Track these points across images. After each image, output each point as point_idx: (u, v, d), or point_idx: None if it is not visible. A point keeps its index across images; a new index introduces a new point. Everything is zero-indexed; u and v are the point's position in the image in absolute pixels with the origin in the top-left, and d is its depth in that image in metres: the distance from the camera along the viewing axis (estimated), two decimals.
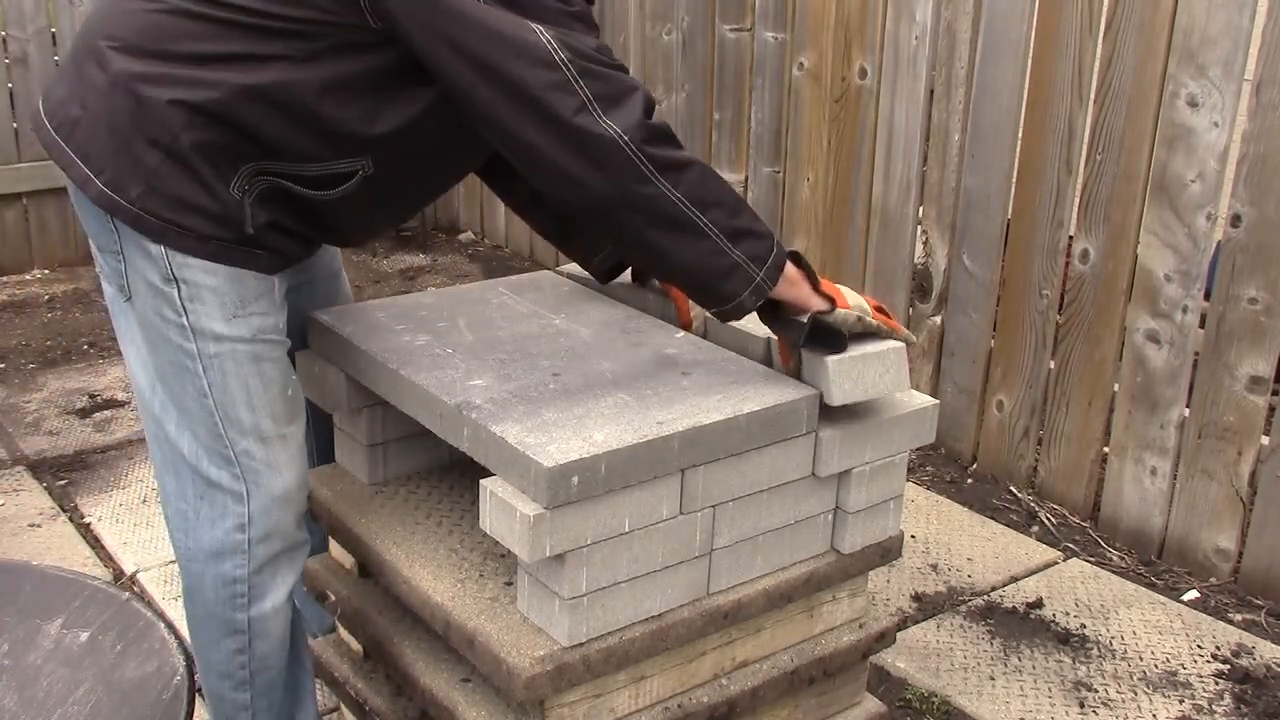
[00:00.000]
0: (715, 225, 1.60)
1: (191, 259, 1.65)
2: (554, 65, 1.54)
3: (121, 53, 1.62)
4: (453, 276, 4.79)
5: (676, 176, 1.58)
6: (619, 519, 1.60)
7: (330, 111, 1.63)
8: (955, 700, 2.38)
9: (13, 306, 4.33)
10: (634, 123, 1.55)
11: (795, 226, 3.63)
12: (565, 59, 1.54)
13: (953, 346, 3.29)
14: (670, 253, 1.62)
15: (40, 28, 4.46)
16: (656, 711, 1.75)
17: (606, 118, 1.54)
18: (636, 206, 1.58)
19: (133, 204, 1.62)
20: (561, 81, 1.54)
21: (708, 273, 1.63)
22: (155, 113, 1.59)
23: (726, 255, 1.62)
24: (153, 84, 1.60)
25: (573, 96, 1.54)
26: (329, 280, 2.05)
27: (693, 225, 1.60)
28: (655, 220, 1.59)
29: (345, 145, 1.67)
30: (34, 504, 2.99)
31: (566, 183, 1.58)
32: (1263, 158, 2.59)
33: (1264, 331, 2.65)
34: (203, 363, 1.69)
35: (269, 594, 1.81)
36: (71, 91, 1.67)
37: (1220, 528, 2.80)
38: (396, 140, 1.68)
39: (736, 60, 3.74)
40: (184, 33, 1.61)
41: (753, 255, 1.63)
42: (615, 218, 1.60)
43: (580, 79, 1.54)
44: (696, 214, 1.59)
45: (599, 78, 1.56)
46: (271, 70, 1.60)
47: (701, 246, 1.61)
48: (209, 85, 1.59)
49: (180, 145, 1.60)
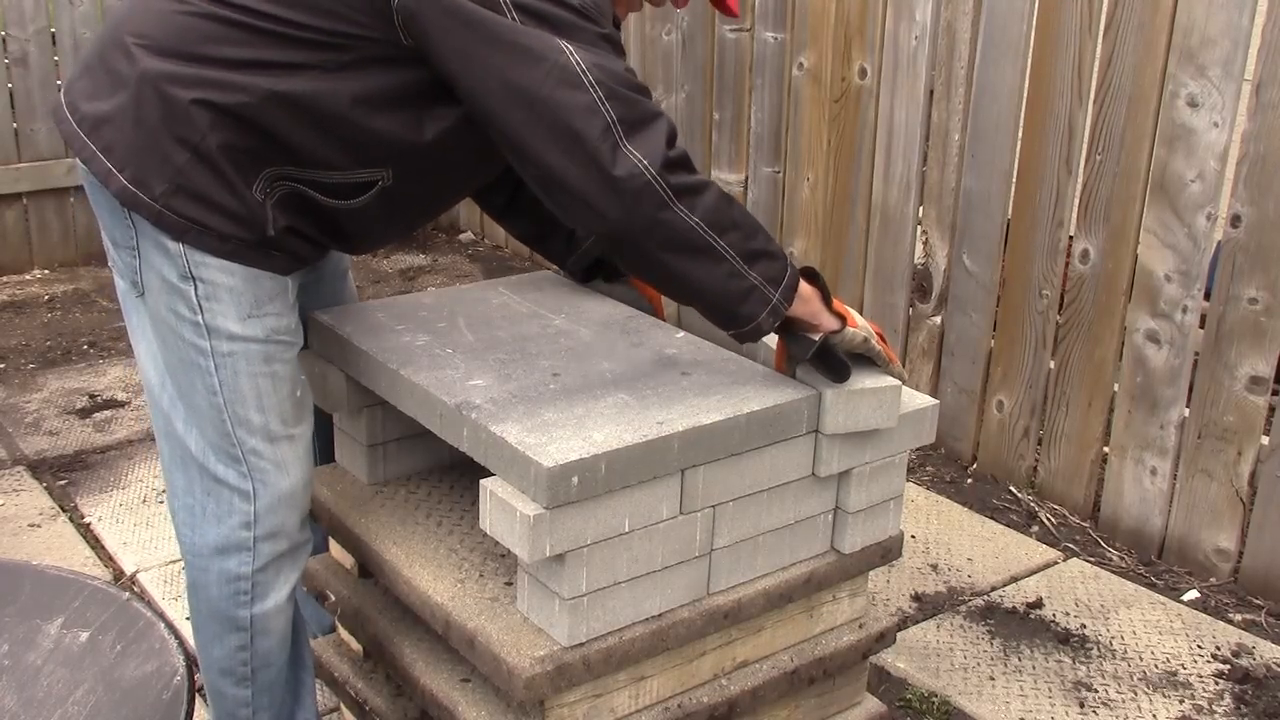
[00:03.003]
0: (732, 248, 1.61)
1: (210, 258, 1.66)
2: (583, 87, 1.53)
3: (150, 51, 1.62)
4: (453, 276, 4.79)
5: (694, 201, 1.58)
6: (619, 519, 1.60)
7: (359, 122, 1.64)
8: (955, 700, 2.38)
9: (13, 306, 4.33)
10: (657, 149, 1.55)
11: (795, 226, 3.63)
12: (593, 80, 1.54)
13: (953, 346, 3.29)
14: (688, 277, 1.62)
15: (40, 28, 4.46)
16: (656, 711, 1.75)
17: (630, 143, 1.54)
18: (654, 232, 1.58)
19: (156, 201, 1.63)
20: (589, 104, 1.53)
21: (725, 296, 1.64)
22: (183, 112, 1.60)
23: (744, 278, 1.62)
24: (181, 84, 1.60)
25: (599, 119, 1.54)
26: (336, 281, 2.06)
27: (710, 249, 1.60)
28: (673, 245, 1.59)
29: (369, 155, 1.68)
30: (34, 504, 2.99)
31: (585, 207, 1.58)
32: (1263, 158, 2.59)
33: (1264, 331, 2.65)
34: (215, 361, 1.70)
35: (272, 592, 1.82)
36: (97, 86, 1.67)
37: (1220, 528, 2.80)
38: (427, 152, 1.69)
39: (736, 60, 3.74)
40: (215, 36, 1.61)
41: (769, 277, 1.64)
42: (633, 242, 1.60)
43: (607, 101, 1.54)
44: (714, 238, 1.60)
45: (626, 102, 1.56)
46: (302, 78, 1.61)
47: (719, 270, 1.61)
48: (238, 88, 1.60)
49: (207, 145, 1.61)
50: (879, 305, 3.44)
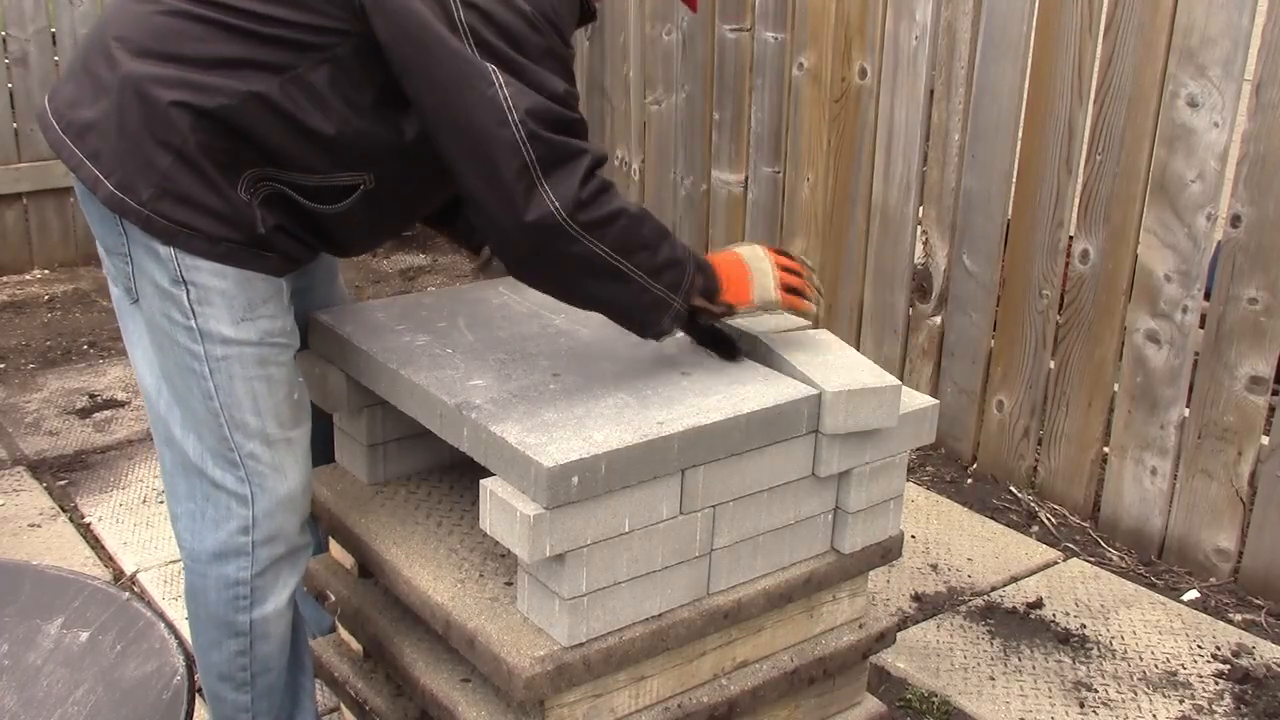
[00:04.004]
0: (639, 268, 1.67)
1: (201, 261, 1.65)
2: (507, 124, 1.56)
3: (131, 54, 1.62)
4: (453, 276, 4.79)
5: (603, 233, 1.63)
6: (619, 519, 1.60)
7: (335, 125, 1.64)
8: (955, 700, 2.38)
9: (13, 306, 4.33)
10: (569, 191, 1.59)
11: (795, 226, 3.63)
12: (517, 120, 1.56)
13: (953, 346, 3.29)
14: (596, 296, 1.70)
15: (40, 28, 4.46)
16: (656, 711, 1.75)
17: (546, 183, 1.58)
18: (561, 263, 1.64)
19: (143, 206, 1.62)
20: (510, 141, 1.56)
21: (635, 309, 1.71)
22: (164, 114, 1.60)
23: (649, 291, 1.69)
24: (161, 86, 1.60)
25: (517, 159, 1.57)
26: (327, 283, 2.05)
27: (618, 273, 1.66)
28: (580, 271, 1.66)
29: (349, 158, 1.68)
30: (34, 504, 2.99)
31: (498, 232, 1.63)
32: (1263, 158, 2.59)
33: (1264, 331, 2.64)
34: (209, 365, 1.69)
35: (271, 597, 1.81)
36: (81, 92, 1.67)
37: (1220, 528, 2.80)
38: (408, 152, 1.69)
39: (736, 60, 3.74)
40: (193, 35, 1.61)
41: (672, 284, 1.71)
42: (538, 273, 1.68)
43: (528, 141, 1.56)
44: (620, 261, 1.65)
45: (546, 143, 1.58)
46: (279, 79, 1.61)
47: (629, 289, 1.68)
48: (216, 90, 1.60)
49: (189, 147, 1.61)
50: (879, 305, 3.44)
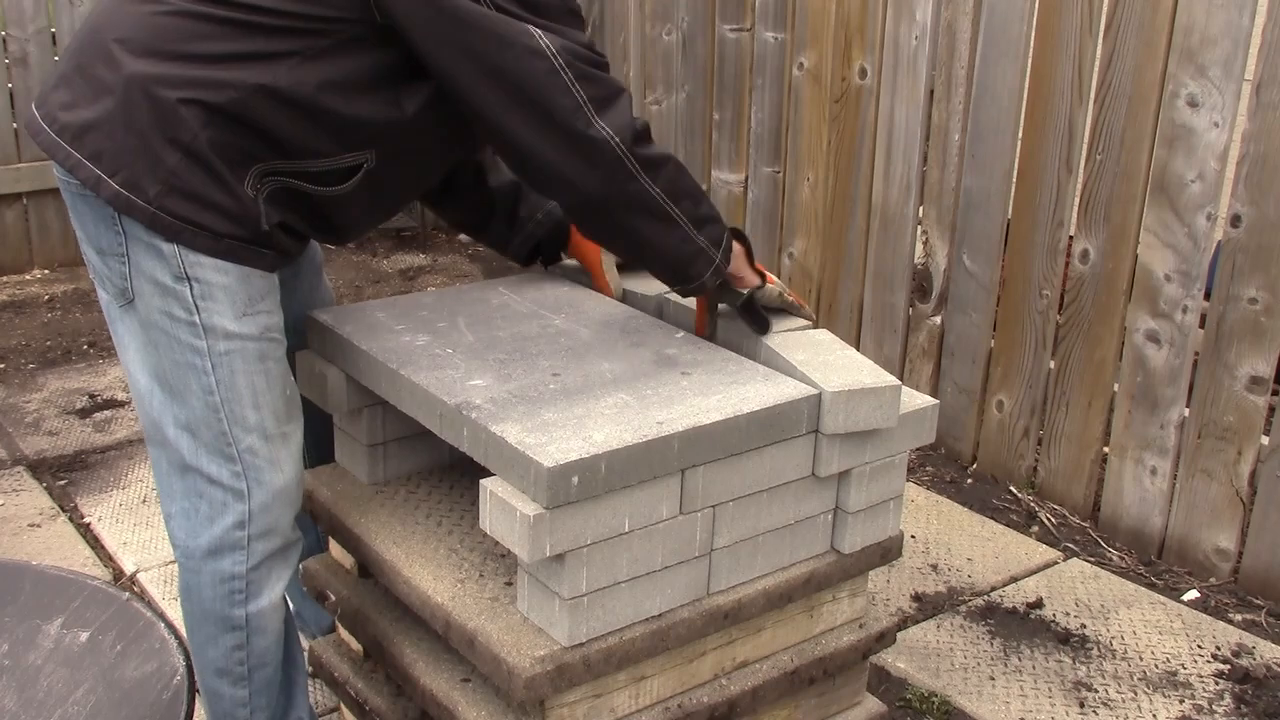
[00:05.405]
0: (685, 215, 1.75)
1: (204, 257, 1.67)
2: (553, 70, 1.62)
3: (134, 54, 1.63)
4: (453, 276, 4.79)
5: (656, 173, 1.71)
6: (619, 519, 1.60)
7: (342, 106, 1.67)
8: (955, 700, 2.38)
9: (13, 306, 4.33)
10: (624, 124, 1.67)
11: (795, 226, 3.63)
12: (563, 63, 1.62)
13: (953, 346, 3.29)
14: (649, 241, 1.77)
15: (40, 28, 4.46)
16: (656, 711, 1.75)
17: (600, 119, 1.64)
18: (622, 201, 1.71)
19: (150, 203, 1.63)
20: (560, 85, 1.62)
21: (678, 257, 1.78)
22: (173, 113, 1.61)
23: (693, 241, 1.77)
24: (169, 85, 1.62)
25: (569, 98, 1.63)
26: (313, 277, 2.09)
27: (668, 216, 1.74)
28: (637, 212, 1.73)
29: (353, 138, 1.71)
30: (34, 504, 2.99)
31: (559, 181, 1.69)
32: (1263, 158, 2.59)
33: (1264, 331, 2.64)
34: (212, 360, 1.71)
35: (266, 590, 1.83)
36: (76, 95, 1.67)
37: (1220, 528, 2.80)
38: (408, 128, 1.73)
39: (736, 60, 3.74)
40: (195, 34, 1.63)
41: (713, 239, 1.79)
42: (605, 210, 1.73)
43: (577, 82, 1.63)
44: (670, 206, 1.73)
45: (594, 81, 1.65)
46: (283, 67, 1.63)
47: (674, 235, 1.76)
48: (224, 85, 1.62)
49: (199, 144, 1.62)
50: (879, 305, 3.44)
